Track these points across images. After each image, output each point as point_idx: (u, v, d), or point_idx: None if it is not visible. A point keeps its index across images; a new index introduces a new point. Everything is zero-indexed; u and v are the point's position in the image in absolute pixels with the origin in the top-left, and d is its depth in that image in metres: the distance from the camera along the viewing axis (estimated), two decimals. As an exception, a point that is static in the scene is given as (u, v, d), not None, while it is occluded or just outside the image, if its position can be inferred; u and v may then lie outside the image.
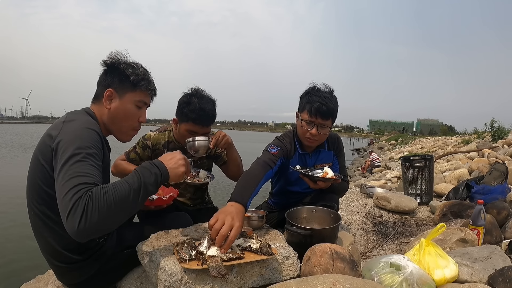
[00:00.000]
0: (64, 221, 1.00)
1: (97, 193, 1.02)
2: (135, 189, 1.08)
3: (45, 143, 1.23)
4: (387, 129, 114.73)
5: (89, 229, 0.99)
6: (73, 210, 0.99)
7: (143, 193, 1.10)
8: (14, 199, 7.03)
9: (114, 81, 1.38)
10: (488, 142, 11.17)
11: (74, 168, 1.07)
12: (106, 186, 1.05)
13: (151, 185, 1.13)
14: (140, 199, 1.10)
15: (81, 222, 0.98)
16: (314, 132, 1.79)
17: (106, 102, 1.37)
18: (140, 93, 1.42)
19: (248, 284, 1.26)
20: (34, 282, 1.78)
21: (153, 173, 1.14)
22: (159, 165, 1.17)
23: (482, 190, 2.68)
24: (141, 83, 1.41)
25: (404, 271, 1.16)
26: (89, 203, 0.99)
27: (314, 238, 1.49)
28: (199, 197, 2.26)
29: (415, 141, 27.01)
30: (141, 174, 1.12)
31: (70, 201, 1.00)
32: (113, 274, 1.50)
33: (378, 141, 41.32)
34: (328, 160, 2.03)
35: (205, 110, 1.91)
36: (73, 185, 1.03)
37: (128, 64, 1.42)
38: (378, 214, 2.77)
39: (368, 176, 11.46)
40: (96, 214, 0.99)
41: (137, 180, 1.10)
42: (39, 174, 1.24)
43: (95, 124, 1.29)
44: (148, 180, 1.12)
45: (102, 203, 1.01)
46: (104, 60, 1.40)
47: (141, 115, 1.45)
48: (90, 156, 1.13)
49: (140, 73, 1.41)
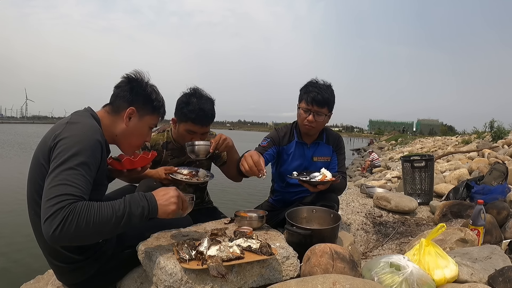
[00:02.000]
0: (42, 223, 1.06)
1: (80, 209, 1.06)
2: (118, 216, 1.12)
3: (46, 143, 1.24)
4: (387, 129, 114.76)
5: (61, 238, 1.05)
6: (53, 216, 1.04)
7: (125, 222, 1.13)
8: (14, 198, 7.03)
9: (138, 101, 1.43)
10: (488, 142, 11.17)
11: (65, 174, 1.10)
12: (91, 205, 1.09)
13: (136, 217, 1.15)
14: (120, 228, 1.14)
15: (57, 229, 1.03)
16: (311, 118, 1.94)
17: (126, 119, 1.42)
18: (156, 118, 1.51)
19: (248, 284, 1.26)
20: (34, 282, 1.78)
21: (141, 206, 1.16)
22: (149, 199, 1.19)
23: (482, 190, 2.68)
24: (161, 109, 1.51)
25: (404, 271, 1.16)
26: (69, 215, 1.04)
27: (314, 238, 1.49)
28: (199, 197, 2.26)
29: (415, 141, 27.02)
30: (128, 203, 1.15)
31: (52, 208, 1.04)
32: (113, 274, 1.50)
33: (378, 141, 41.33)
34: (327, 154, 2.11)
35: (204, 110, 1.91)
36: (59, 193, 1.07)
37: (152, 87, 1.49)
38: (378, 214, 2.77)
39: (368, 176, 11.45)
40: (73, 227, 1.04)
41: (122, 208, 1.13)
42: (39, 174, 1.24)
43: (98, 130, 1.29)
44: (134, 211, 1.15)
45: (81, 219, 1.05)
46: (128, 75, 1.45)
47: (148, 135, 1.53)
48: (84, 165, 1.15)
49: (161, 99, 1.51)
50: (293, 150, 2.09)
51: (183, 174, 1.94)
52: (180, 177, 1.89)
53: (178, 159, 2.12)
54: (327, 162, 2.12)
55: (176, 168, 1.94)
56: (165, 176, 1.89)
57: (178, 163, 2.09)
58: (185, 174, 1.96)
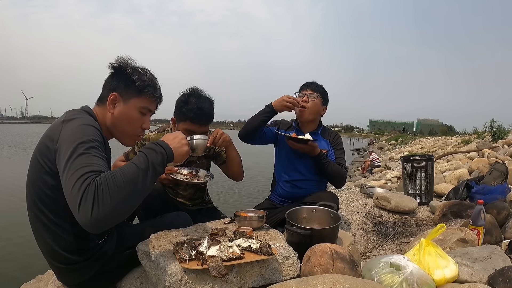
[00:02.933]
0: (76, 214, 0.97)
1: (105, 178, 1.00)
2: (143, 169, 1.07)
3: (45, 144, 1.22)
4: (387, 129, 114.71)
5: (103, 217, 0.96)
6: (84, 199, 0.96)
7: (151, 173, 1.09)
8: (14, 199, 7.03)
9: (119, 85, 1.35)
10: (488, 142, 11.17)
11: (78, 161, 1.06)
12: (114, 171, 1.03)
13: (158, 165, 1.12)
14: (149, 180, 1.08)
15: (94, 209, 0.95)
16: (305, 98, 2.20)
17: (110, 106, 1.35)
18: (145, 100, 1.39)
19: (248, 284, 1.26)
20: (34, 282, 1.78)
21: (159, 153, 1.14)
22: (163, 145, 1.17)
23: (482, 190, 2.68)
24: (147, 89, 1.37)
25: (404, 271, 1.16)
26: (98, 188, 0.97)
27: (314, 238, 1.49)
28: (199, 197, 2.26)
29: (415, 141, 27.02)
30: (147, 154, 1.11)
31: (79, 191, 0.97)
32: (113, 274, 1.49)
33: (378, 141, 41.32)
34: (322, 146, 2.24)
35: (203, 109, 1.91)
36: (79, 176, 1.00)
37: (135, 69, 1.39)
38: (378, 214, 2.77)
39: (368, 176, 11.45)
40: (108, 198, 0.97)
41: (144, 161, 1.09)
42: (38, 175, 1.24)
43: (95, 123, 1.27)
44: (155, 160, 1.11)
45: (112, 187, 0.98)
46: (111, 63, 1.37)
47: (144, 121, 1.42)
48: (92, 148, 1.11)
49: (147, 79, 1.38)
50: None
51: (183, 174, 1.94)
52: (180, 177, 1.89)
53: (178, 159, 2.12)
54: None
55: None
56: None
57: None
58: (185, 174, 1.96)
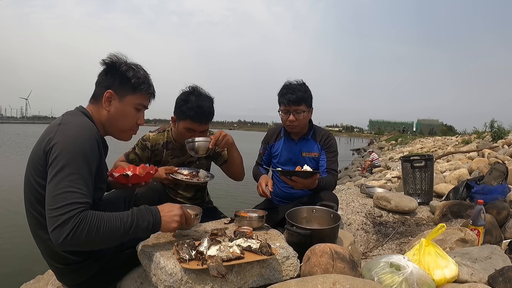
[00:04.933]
0: (49, 229, 1.08)
1: (90, 218, 1.10)
2: (126, 227, 1.17)
3: (41, 146, 1.23)
4: (387, 129, 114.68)
5: (70, 245, 1.09)
6: (62, 225, 1.07)
7: (131, 234, 1.19)
8: (14, 198, 7.02)
9: (114, 83, 1.36)
10: (488, 142, 11.16)
11: (67, 181, 1.12)
12: (101, 215, 1.13)
13: (141, 230, 1.21)
14: (127, 238, 1.19)
15: (67, 237, 1.06)
16: (292, 118, 2.06)
17: (105, 103, 1.36)
18: (140, 96, 1.41)
19: (248, 284, 1.26)
20: (34, 282, 1.78)
21: (146, 220, 1.22)
22: (155, 215, 1.24)
23: (482, 190, 2.68)
24: (142, 86, 1.40)
25: (404, 271, 1.16)
26: (80, 224, 1.08)
27: (314, 238, 1.49)
28: (199, 197, 2.26)
29: (415, 141, 27.01)
30: (135, 216, 1.20)
31: (62, 217, 1.07)
32: (113, 274, 1.49)
33: (378, 141, 41.32)
34: (314, 150, 2.18)
35: (203, 108, 1.91)
36: (66, 202, 1.09)
37: (129, 66, 1.40)
38: (378, 214, 2.76)
39: (368, 176, 11.45)
40: (83, 235, 1.08)
41: (130, 221, 1.18)
42: (35, 177, 1.24)
43: (92, 126, 1.28)
44: (141, 224, 1.20)
45: (92, 228, 1.10)
46: (104, 60, 1.38)
47: (139, 117, 1.45)
48: (83, 167, 1.16)
49: (141, 76, 1.40)
50: (281, 146, 2.25)
51: (184, 174, 1.94)
52: (180, 177, 1.89)
53: (178, 159, 2.12)
54: (315, 158, 2.19)
55: (176, 168, 1.94)
56: (165, 176, 1.89)
57: (178, 163, 2.10)
58: (186, 174, 1.96)
